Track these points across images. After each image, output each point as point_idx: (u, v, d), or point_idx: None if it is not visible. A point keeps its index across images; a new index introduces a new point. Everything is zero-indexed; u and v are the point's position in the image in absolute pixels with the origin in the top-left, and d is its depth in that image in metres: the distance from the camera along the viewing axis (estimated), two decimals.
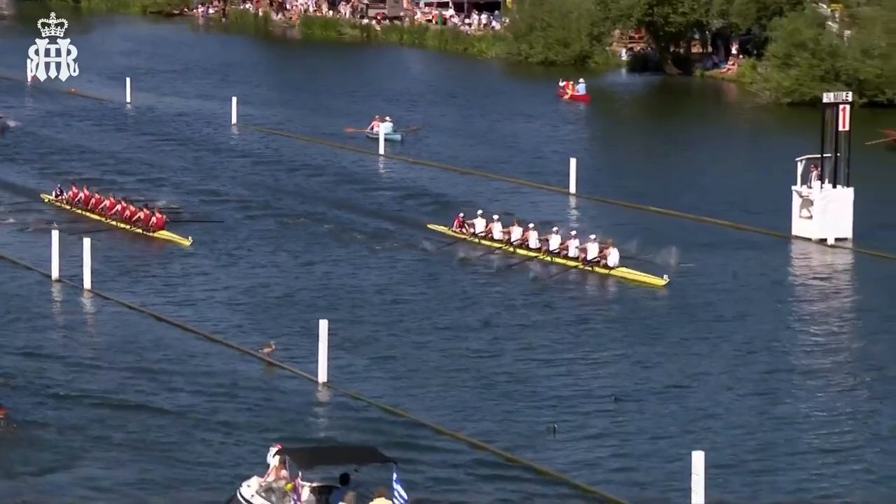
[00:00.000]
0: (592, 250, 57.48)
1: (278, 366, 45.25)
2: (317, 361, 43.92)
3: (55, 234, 55.76)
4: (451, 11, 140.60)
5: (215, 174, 76.82)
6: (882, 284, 55.67)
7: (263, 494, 32.75)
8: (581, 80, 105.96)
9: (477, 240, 61.47)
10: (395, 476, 31.67)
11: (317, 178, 76.23)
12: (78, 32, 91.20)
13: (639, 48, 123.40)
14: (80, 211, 65.85)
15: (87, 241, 54.46)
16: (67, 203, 66.95)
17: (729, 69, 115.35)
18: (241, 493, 33.19)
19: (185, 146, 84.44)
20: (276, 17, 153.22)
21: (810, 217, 62.13)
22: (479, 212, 62.49)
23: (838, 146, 62.27)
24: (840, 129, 62.32)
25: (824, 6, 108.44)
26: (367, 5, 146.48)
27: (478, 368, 45.26)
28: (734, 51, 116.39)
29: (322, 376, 43.69)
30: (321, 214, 66.59)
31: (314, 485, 32.62)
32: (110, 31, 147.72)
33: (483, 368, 45.29)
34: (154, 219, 62.35)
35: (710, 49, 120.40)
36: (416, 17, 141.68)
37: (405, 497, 31.44)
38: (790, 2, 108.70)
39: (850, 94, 66.44)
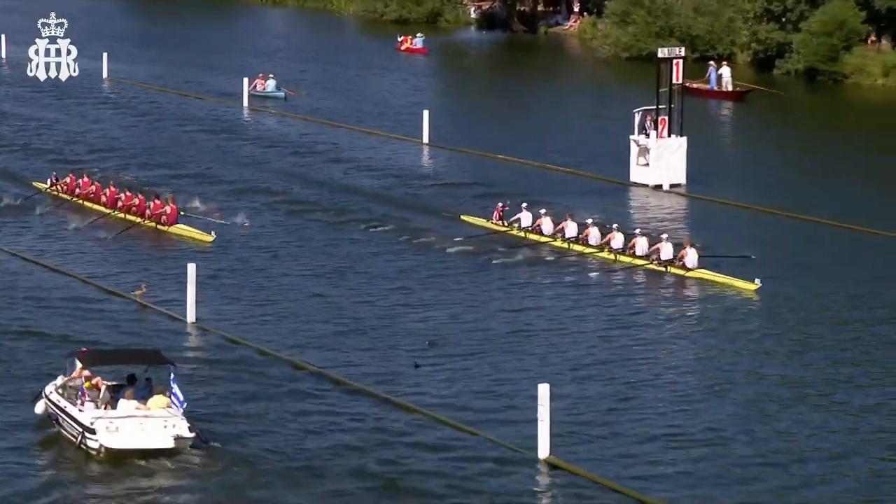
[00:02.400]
0: (667, 249, 50.16)
1: (150, 307, 45.31)
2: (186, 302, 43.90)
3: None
4: None
5: (85, 125, 76.30)
6: (711, 227, 56.26)
7: (60, 391, 34.60)
8: (419, 34, 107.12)
9: (523, 234, 54.29)
10: (171, 377, 33.58)
11: (184, 128, 76.12)
12: None
13: (487, 6, 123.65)
14: (83, 202, 58.15)
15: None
16: (67, 193, 59.26)
17: (571, 26, 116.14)
18: (45, 391, 34.97)
19: (61, 100, 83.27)
20: None
21: (647, 165, 62.74)
22: (524, 204, 55.15)
23: (672, 98, 63.06)
24: (674, 82, 63.12)
25: None
26: None
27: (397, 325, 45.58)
28: (576, 9, 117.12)
29: (191, 316, 43.73)
30: (183, 164, 66.69)
31: (108, 383, 34.56)
32: None
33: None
34: (167, 209, 54.94)
35: (553, 7, 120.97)
36: None
37: (180, 397, 33.28)
38: None
39: (683, 49, 67.28)
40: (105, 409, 33.63)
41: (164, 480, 32.43)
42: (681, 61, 63.29)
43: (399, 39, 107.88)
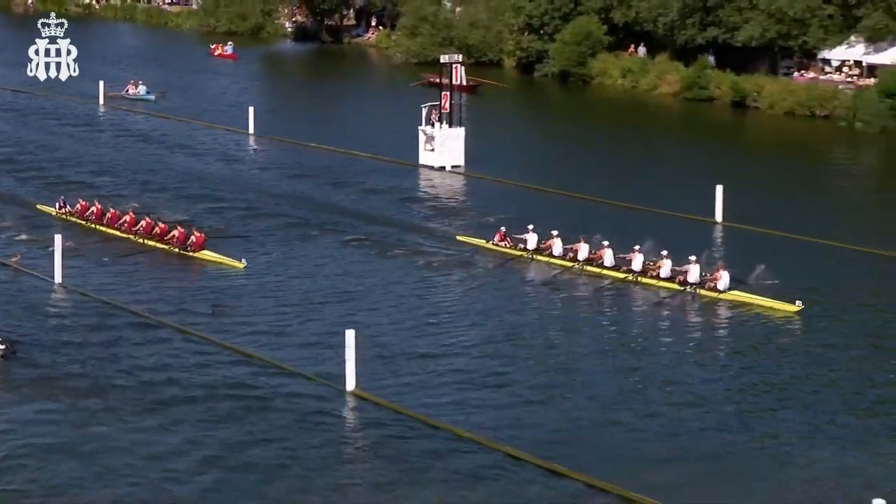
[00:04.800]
0: (694, 272, 42.54)
1: (24, 271, 44.60)
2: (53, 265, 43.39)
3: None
4: None
5: None
6: (484, 198, 56.45)
7: None
8: (230, 42, 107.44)
9: (530, 256, 46.71)
10: None
11: (47, 122, 74.89)
12: None
13: (300, 21, 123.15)
14: (98, 227, 50.17)
15: None
16: (78, 217, 50.89)
17: (370, 37, 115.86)
18: None
19: None
20: None
21: (433, 150, 63.05)
22: (530, 227, 47.43)
23: (452, 96, 63.38)
24: (454, 82, 63.47)
25: None
26: None
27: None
28: (374, 23, 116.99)
29: (58, 278, 43.17)
30: (52, 153, 65.50)
31: None
32: None
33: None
34: (193, 237, 46.97)
35: (356, 21, 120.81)
36: None
37: None
38: None
39: (461, 56, 67.70)
40: None
41: None
42: (458, 65, 63.73)
43: (212, 46, 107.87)
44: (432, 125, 63.20)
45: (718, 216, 52.02)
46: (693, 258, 42.80)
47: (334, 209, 53.86)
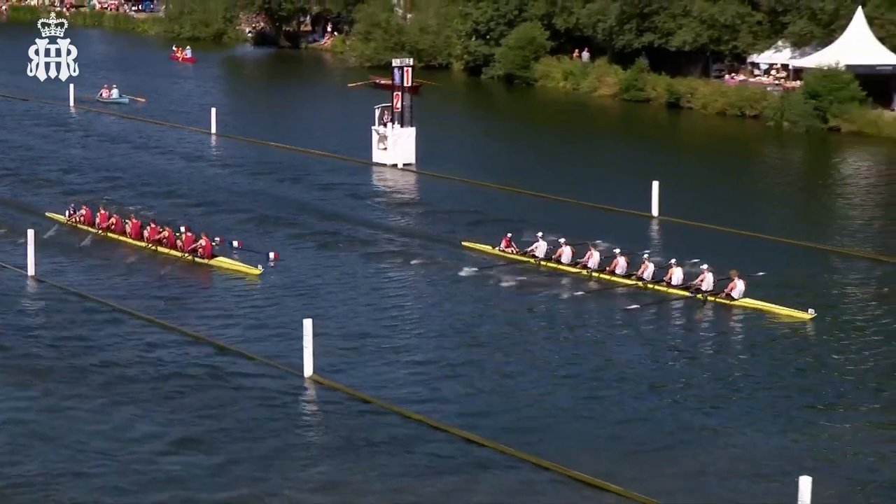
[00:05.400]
0: (708, 280, 40.11)
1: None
2: None
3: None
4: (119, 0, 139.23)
5: None
6: (434, 193, 56.54)
7: None
8: (188, 46, 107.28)
9: (536, 262, 44.06)
10: None
11: (21, 122, 74.38)
12: None
13: (260, 27, 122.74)
14: (108, 234, 47.71)
15: None
16: (87, 224, 48.20)
17: (326, 42, 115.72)
18: None
19: None
20: None
21: (385, 149, 63.08)
22: (539, 234, 44.82)
23: (403, 97, 63.41)
24: (405, 85, 63.50)
25: None
26: None
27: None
28: (329, 28, 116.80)
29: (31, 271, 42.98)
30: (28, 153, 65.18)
31: None
32: None
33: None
34: (202, 243, 44.28)
35: (312, 28, 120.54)
36: (95, 5, 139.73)
37: None
38: None
39: (412, 59, 67.69)
40: None
41: None
42: (409, 69, 63.76)
43: (174, 50, 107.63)
44: (385, 125, 63.23)
45: (655, 210, 52.31)
46: (706, 266, 40.56)
47: (293, 205, 53.73)
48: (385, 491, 27.23)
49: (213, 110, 72.40)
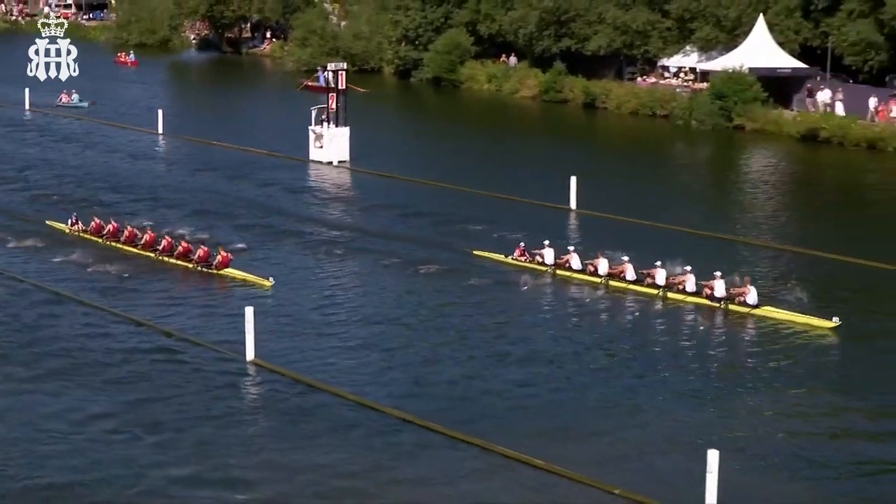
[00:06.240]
0: (720, 287, 37.71)
1: None
2: None
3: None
4: (73, 10, 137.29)
5: None
6: (368, 189, 56.30)
7: None
8: (132, 51, 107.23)
9: (549, 270, 41.53)
10: None
11: None
12: None
13: (204, 34, 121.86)
14: (114, 244, 44.17)
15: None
16: (93, 235, 44.64)
17: (265, 48, 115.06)
18: None
19: None
20: None
21: (321, 147, 62.65)
22: (546, 242, 42.37)
23: (338, 99, 62.94)
24: (340, 87, 63.02)
25: (327, 4, 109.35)
26: (14, 4, 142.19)
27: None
28: (269, 35, 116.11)
29: None
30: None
31: None
32: None
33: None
34: (219, 256, 41.08)
35: (252, 34, 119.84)
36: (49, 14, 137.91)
37: None
38: (305, 1, 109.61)
39: (345, 64, 67.27)
40: None
41: None
42: (343, 72, 63.33)
43: (118, 54, 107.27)
44: (321, 125, 62.76)
45: (573, 204, 52.19)
46: (718, 273, 38.15)
47: (236, 200, 53.17)
48: (322, 468, 26.77)
49: (160, 112, 71.60)
